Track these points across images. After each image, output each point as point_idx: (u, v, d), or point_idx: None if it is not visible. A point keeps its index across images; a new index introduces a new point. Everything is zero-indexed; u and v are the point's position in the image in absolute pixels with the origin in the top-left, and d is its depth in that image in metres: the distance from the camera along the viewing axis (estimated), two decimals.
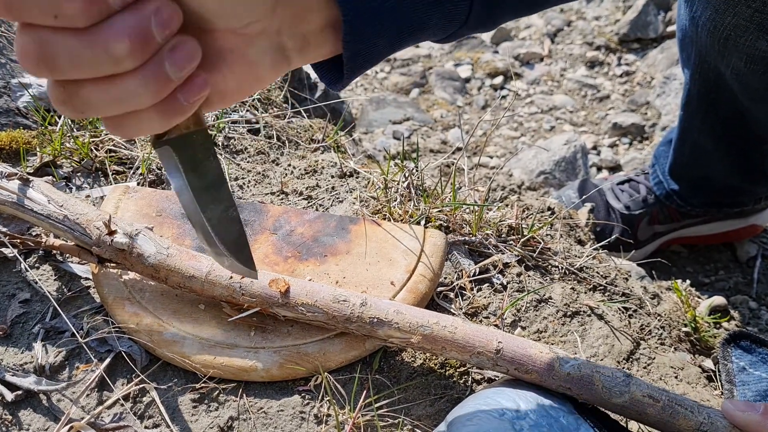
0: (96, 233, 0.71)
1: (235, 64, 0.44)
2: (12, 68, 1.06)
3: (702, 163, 1.22)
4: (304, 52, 0.47)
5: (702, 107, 1.14)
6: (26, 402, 0.70)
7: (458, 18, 0.51)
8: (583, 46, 2.12)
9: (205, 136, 0.47)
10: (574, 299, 0.85)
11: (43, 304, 0.78)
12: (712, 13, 0.90)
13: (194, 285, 0.70)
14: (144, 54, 0.36)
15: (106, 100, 0.37)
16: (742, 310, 1.27)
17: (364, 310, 0.68)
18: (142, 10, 0.35)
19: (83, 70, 0.36)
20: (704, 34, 0.94)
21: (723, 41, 0.91)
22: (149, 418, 0.69)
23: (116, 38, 0.35)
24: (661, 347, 0.86)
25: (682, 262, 1.41)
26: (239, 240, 0.53)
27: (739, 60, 0.92)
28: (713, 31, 0.91)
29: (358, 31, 0.46)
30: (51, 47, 0.35)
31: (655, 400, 0.61)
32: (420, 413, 0.70)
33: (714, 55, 0.97)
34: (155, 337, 0.71)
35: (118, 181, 0.93)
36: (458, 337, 0.66)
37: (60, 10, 0.34)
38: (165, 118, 0.40)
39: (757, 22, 0.84)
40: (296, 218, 0.84)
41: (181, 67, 0.38)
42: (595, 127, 1.85)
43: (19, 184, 0.74)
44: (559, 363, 0.63)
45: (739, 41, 0.88)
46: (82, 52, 0.35)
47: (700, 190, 1.28)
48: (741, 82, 0.97)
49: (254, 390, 0.71)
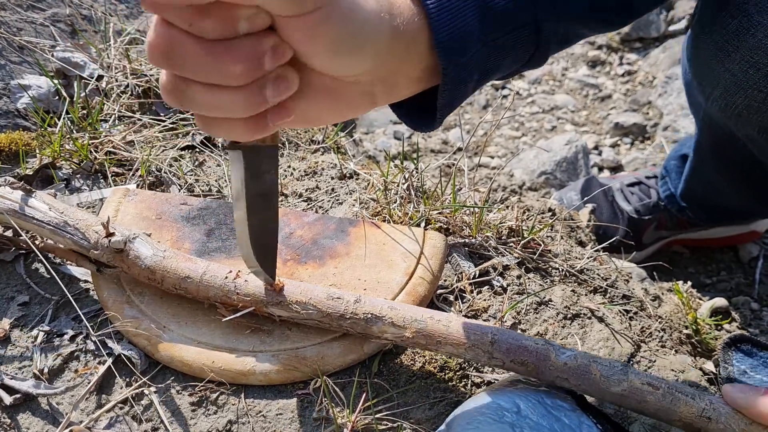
0: (94, 237, 0.71)
1: (324, 99, 0.49)
2: (12, 69, 1.06)
3: (717, 197, 1.21)
4: (391, 94, 0.52)
5: (714, 155, 1.11)
6: (25, 405, 0.70)
7: (522, 59, 0.59)
8: (584, 46, 2.11)
9: (273, 151, 0.54)
10: (574, 301, 0.85)
11: (42, 306, 0.78)
12: (722, 92, 0.87)
13: (189, 286, 0.70)
14: (252, 77, 0.42)
15: (207, 103, 0.43)
16: (743, 312, 1.26)
17: (357, 307, 0.67)
18: (262, 43, 0.41)
19: (198, 74, 0.41)
20: (714, 107, 0.92)
21: (735, 117, 0.88)
22: (148, 422, 0.69)
23: (235, 59, 0.40)
24: (662, 350, 0.85)
25: (684, 262, 1.41)
26: (270, 251, 0.61)
27: (752, 130, 0.89)
28: (724, 108, 0.89)
29: (455, 79, 0.52)
30: (178, 47, 0.40)
31: (655, 387, 0.61)
32: (419, 417, 0.70)
33: (724, 122, 0.94)
34: (154, 341, 0.71)
35: (118, 182, 0.93)
36: (453, 331, 0.65)
37: (195, 21, 0.39)
38: (250, 132, 0.46)
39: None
40: (296, 220, 0.84)
41: (279, 94, 0.44)
42: (596, 126, 1.84)
43: (22, 195, 0.75)
44: (555, 353, 0.63)
45: (752, 118, 0.85)
46: (203, 60, 0.40)
47: (712, 213, 1.27)
48: (756, 146, 0.95)
49: (253, 393, 0.70)
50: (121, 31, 1.18)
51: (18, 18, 1.13)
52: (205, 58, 0.40)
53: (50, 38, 1.14)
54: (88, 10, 1.22)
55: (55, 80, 1.05)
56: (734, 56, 0.80)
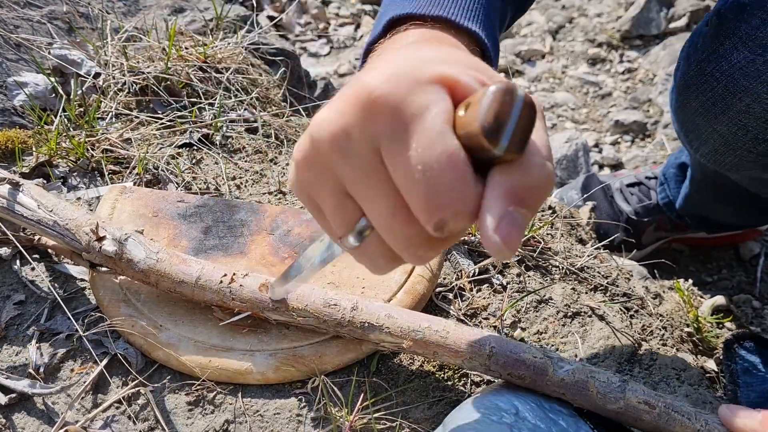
0: (86, 239, 0.70)
1: None
2: (8, 67, 1.06)
3: (714, 216, 1.22)
4: None
5: (709, 189, 1.12)
6: (20, 405, 0.69)
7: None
8: (584, 43, 2.11)
9: None
10: (574, 300, 0.84)
11: (38, 305, 0.77)
12: (710, 150, 0.86)
13: (184, 290, 0.69)
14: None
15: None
16: (745, 310, 1.26)
17: (355, 315, 0.67)
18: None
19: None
20: (705, 161, 0.91)
21: (725, 170, 0.88)
22: (144, 421, 0.68)
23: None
24: (662, 348, 0.85)
25: (685, 260, 1.40)
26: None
27: (743, 179, 0.90)
28: (714, 163, 0.88)
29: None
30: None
31: (651, 407, 0.60)
32: (418, 416, 0.69)
33: (716, 168, 0.94)
34: (151, 340, 0.71)
35: (115, 180, 0.93)
36: (450, 342, 0.65)
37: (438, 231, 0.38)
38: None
39: (761, 164, 0.81)
40: (294, 218, 0.83)
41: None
42: (596, 124, 1.84)
43: (9, 189, 0.74)
44: (553, 368, 0.62)
45: (741, 172, 0.85)
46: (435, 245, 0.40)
47: (713, 225, 1.28)
48: (751, 187, 0.95)
49: (250, 393, 0.70)
50: (119, 28, 1.17)
51: (15, 15, 1.13)
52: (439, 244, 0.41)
53: (47, 36, 1.13)
54: (85, 8, 1.21)
55: (52, 78, 1.04)
56: (722, 118, 0.79)
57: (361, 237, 0.42)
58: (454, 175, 0.36)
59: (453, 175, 0.36)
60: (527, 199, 0.37)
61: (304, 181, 0.42)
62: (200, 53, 1.12)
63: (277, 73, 1.27)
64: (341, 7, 2.28)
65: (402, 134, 0.36)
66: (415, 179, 0.36)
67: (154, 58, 1.11)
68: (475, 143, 0.36)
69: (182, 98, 1.07)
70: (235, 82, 1.13)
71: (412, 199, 0.37)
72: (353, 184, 0.39)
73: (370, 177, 0.38)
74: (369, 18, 2.23)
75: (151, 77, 1.06)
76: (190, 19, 1.30)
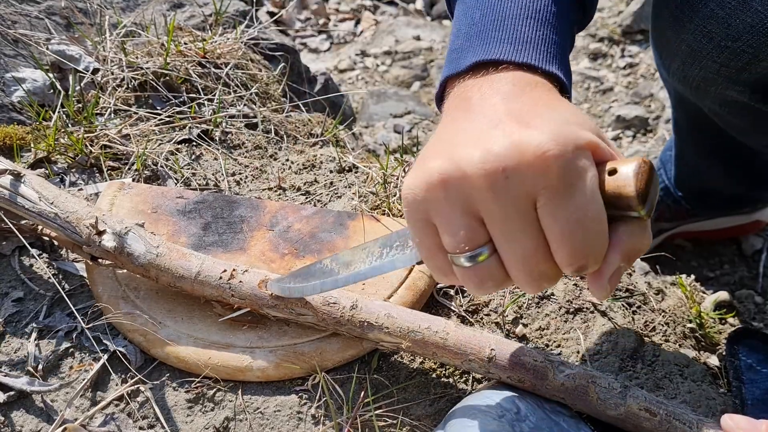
0: (86, 232, 0.70)
1: None
2: (6, 63, 1.05)
3: (703, 178, 1.23)
4: None
5: (691, 134, 1.14)
6: (19, 403, 0.69)
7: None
8: (586, 38, 2.10)
9: None
10: (576, 296, 0.83)
11: (36, 302, 0.77)
12: (679, 64, 0.89)
13: (184, 285, 0.69)
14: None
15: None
16: (747, 305, 1.25)
17: (354, 313, 0.66)
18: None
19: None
20: (675, 80, 0.94)
21: (694, 89, 0.90)
22: (144, 419, 0.67)
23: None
24: (665, 344, 0.84)
25: (687, 256, 1.40)
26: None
27: (713, 104, 0.91)
28: (683, 80, 0.90)
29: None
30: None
31: (653, 414, 0.60)
32: (419, 413, 0.69)
33: (689, 95, 0.97)
34: (150, 337, 0.70)
35: (113, 177, 0.92)
36: (450, 344, 0.64)
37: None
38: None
39: (724, 75, 0.82)
40: (294, 214, 0.83)
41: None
42: (598, 119, 1.83)
43: (11, 180, 0.73)
44: (553, 372, 0.62)
45: (709, 90, 0.87)
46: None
47: (706, 199, 1.28)
48: (721, 120, 0.97)
49: (250, 390, 0.69)
50: (117, 23, 1.16)
51: (12, 11, 1.12)
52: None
53: (45, 31, 1.12)
54: (83, 3, 1.20)
55: (50, 73, 1.03)
56: (689, 26, 0.81)
57: (473, 261, 0.47)
58: (600, 229, 0.44)
59: (600, 229, 0.44)
60: (633, 258, 0.46)
61: (431, 199, 0.46)
62: (199, 49, 1.12)
63: (276, 69, 1.26)
64: (341, 3, 2.27)
65: (566, 190, 0.43)
66: (570, 229, 0.43)
67: (152, 54, 1.10)
68: (624, 204, 0.44)
69: (181, 94, 1.06)
70: (234, 77, 1.12)
71: (563, 244, 0.44)
72: (497, 220, 0.45)
73: (520, 218, 0.44)
74: (369, 13, 2.22)
75: (150, 73, 1.05)
76: (189, 15, 1.29)
